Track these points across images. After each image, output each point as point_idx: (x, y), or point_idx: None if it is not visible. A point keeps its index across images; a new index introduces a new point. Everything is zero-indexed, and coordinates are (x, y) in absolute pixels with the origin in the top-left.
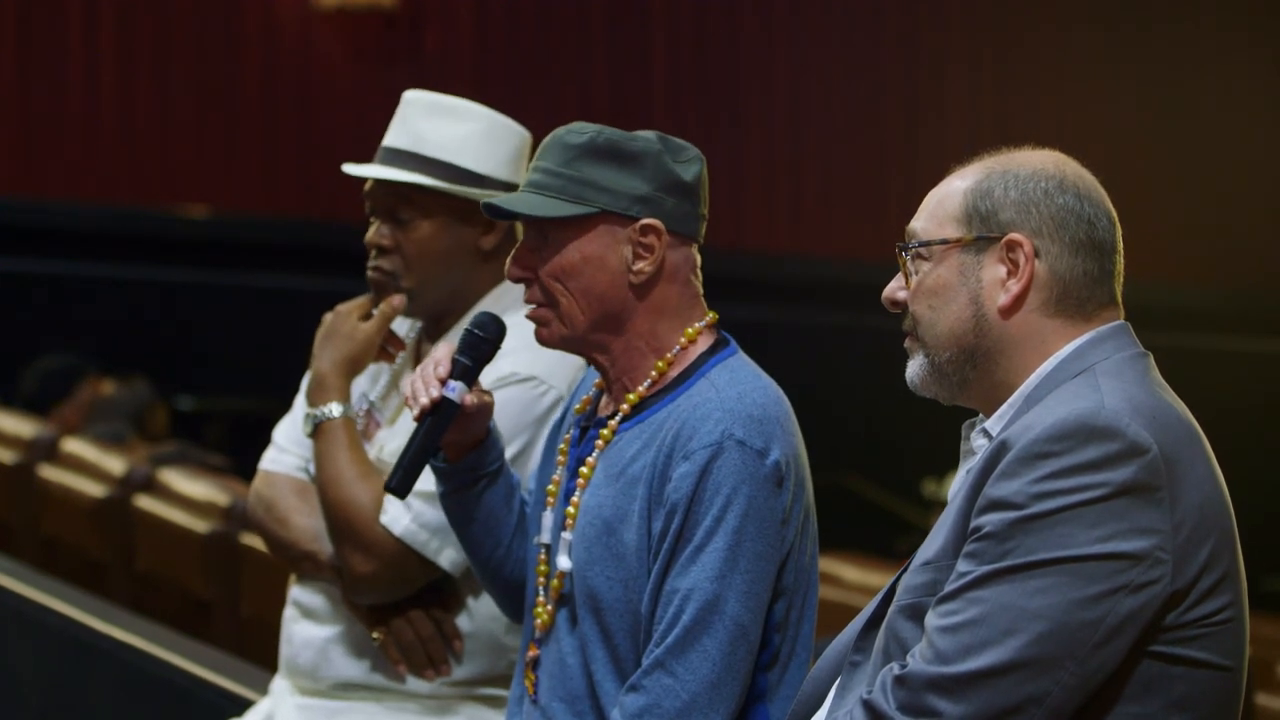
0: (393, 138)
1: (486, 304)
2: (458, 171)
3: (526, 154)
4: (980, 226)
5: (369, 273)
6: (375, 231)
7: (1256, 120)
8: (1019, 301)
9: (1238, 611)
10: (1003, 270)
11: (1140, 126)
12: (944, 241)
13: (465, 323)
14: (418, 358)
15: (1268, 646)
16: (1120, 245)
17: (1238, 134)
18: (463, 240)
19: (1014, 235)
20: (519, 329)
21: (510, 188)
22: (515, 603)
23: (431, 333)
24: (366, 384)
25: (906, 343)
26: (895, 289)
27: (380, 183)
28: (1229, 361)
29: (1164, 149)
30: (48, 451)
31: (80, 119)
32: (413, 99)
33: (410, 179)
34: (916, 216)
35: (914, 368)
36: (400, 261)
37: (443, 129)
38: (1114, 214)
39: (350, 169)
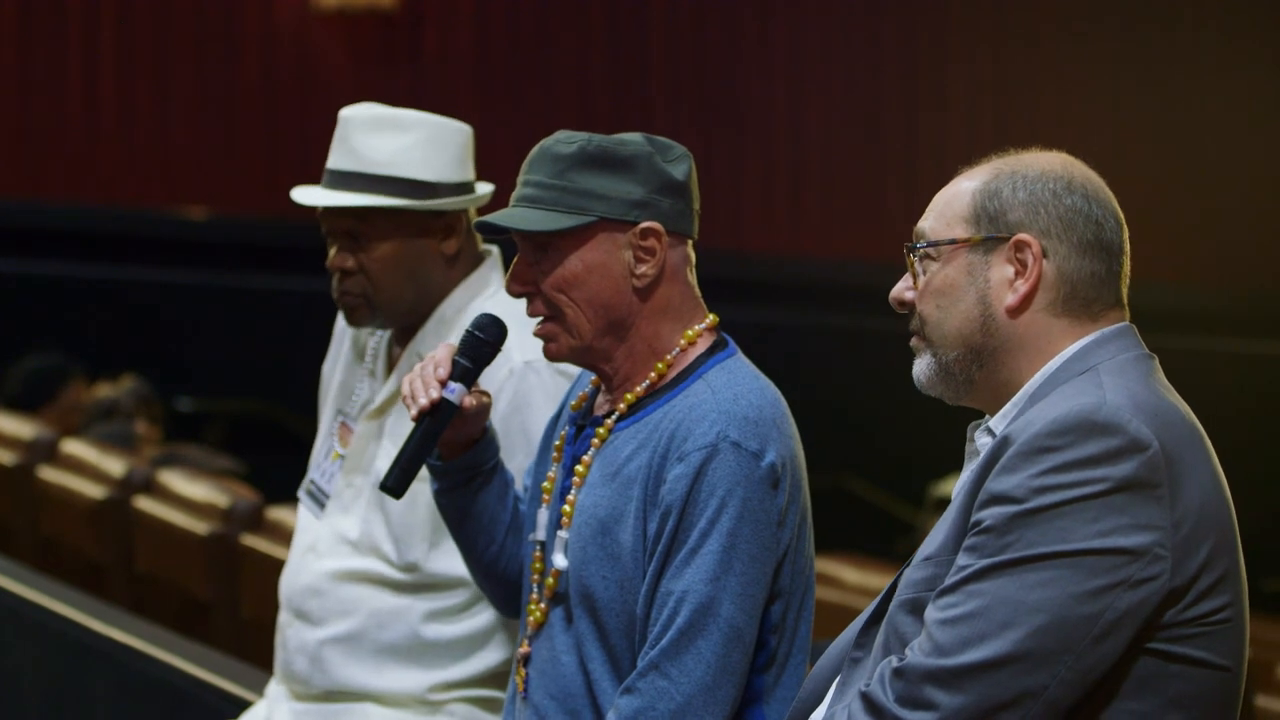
0: (336, 159)
1: (455, 301)
2: (406, 184)
3: (472, 150)
4: (989, 227)
5: (336, 296)
6: (336, 256)
7: (1260, 121)
8: (1027, 301)
9: (1237, 613)
10: (1011, 270)
11: (1142, 128)
12: (952, 241)
13: (431, 326)
14: (389, 363)
15: (1268, 648)
16: (1127, 247)
17: (1241, 135)
18: (424, 250)
19: (1022, 235)
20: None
21: (461, 189)
22: (510, 601)
23: (400, 337)
24: (340, 398)
25: (913, 342)
26: (903, 289)
27: (332, 208)
28: (1233, 363)
29: (1166, 150)
30: (47, 453)
31: (80, 119)
32: (350, 116)
33: (361, 202)
34: (924, 217)
35: (921, 367)
36: (366, 282)
37: (385, 143)
38: (1121, 215)
39: (299, 195)
